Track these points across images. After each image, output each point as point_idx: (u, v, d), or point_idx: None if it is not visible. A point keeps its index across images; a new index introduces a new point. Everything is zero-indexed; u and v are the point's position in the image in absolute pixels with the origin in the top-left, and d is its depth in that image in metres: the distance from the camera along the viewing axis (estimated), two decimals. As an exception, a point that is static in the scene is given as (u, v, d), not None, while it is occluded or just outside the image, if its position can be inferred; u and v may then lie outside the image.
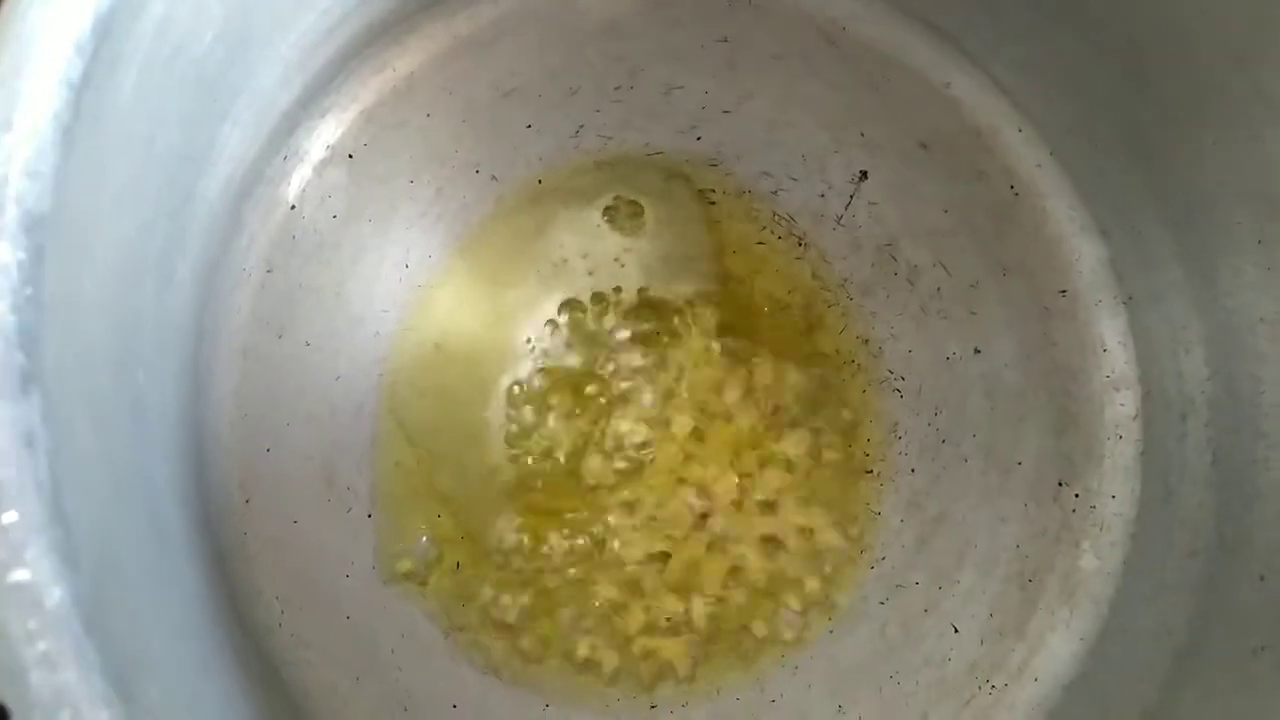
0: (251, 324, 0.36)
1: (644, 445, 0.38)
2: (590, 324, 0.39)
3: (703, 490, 0.38)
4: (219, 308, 0.35)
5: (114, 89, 0.23)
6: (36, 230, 0.21)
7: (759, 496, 0.39)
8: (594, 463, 0.38)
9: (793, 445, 0.39)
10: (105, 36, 0.22)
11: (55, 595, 0.20)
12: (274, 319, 0.36)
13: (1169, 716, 0.34)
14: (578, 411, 0.38)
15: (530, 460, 0.38)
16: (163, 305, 0.30)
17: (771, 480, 0.39)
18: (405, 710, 0.36)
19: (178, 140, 0.27)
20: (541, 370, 0.38)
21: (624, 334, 0.39)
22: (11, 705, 0.19)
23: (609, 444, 0.38)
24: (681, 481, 0.38)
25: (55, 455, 0.21)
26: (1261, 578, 0.33)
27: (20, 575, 0.19)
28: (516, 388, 0.38)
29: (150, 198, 0.27)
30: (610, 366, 0.39)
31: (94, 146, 0.22)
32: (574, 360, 0.39)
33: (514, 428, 0.38)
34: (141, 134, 0.25)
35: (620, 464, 0.38)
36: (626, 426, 0.38)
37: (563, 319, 0.39)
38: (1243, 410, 0.35)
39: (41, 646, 0.19)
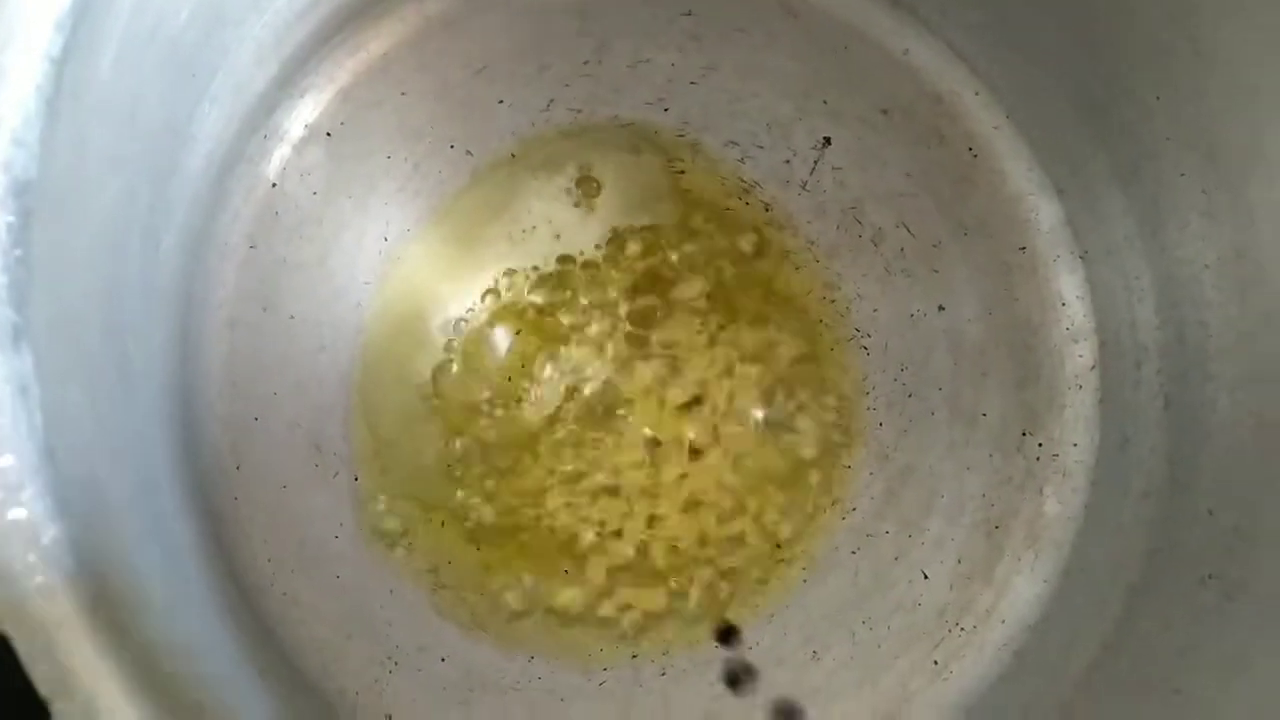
0: (237, 297, 0.37)
1: (612, 400, 0.40)
2: (559, 288, 0.40)
3: (672, 441, 0.40)
4: (205, 281, 0.37)
5: (93, 64, 0.24)
6: (25, 195, 0.22)
7: (730, 449, 0.40)
8: (558, 415, 0.40)
9: (763, 401, 0.40)
10: (83, 14, 0.23)
11: (50, 533, 0.21)
12: (259, 292, 0.38)
13: (1126, 647, 0.35)
14: (540, 366, 0.40)
15: (493, 419, 0.39)
16: (149, 276, 0.31)
17: (743, 434, 0.40)
18: (396, 664, 0.37)
19: (158, 115, 0.29)
20: (502, 333, 0.40)
21: (592, 298, 0.40)
22: (12, 634, 0.21)
23: (571, 399, 0.40)
24: (651, 436, 0.40)
25: (47, 409, 0.22)
26: (1210, 512, 0.34)
27: (17, 513, 0.21)
28: (479, 348, 0.40)
29: (133, 169, 0.28)
30: (578, 328, 0.40)
31: (77, 118, 0.24)
32: (542, 322, 0.40)
33: (474, 388, 0.40)
34: (122, 108, 0.26)
35: (583, 418, 0.40)
36: (590, 384, 0.40)
37: (530, 282, 0.40)
38: (1191, 355, 0.36)
39: (39, 579, 0.21)
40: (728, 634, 0.39)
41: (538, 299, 0.40)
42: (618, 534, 0.39)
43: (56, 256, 0.24)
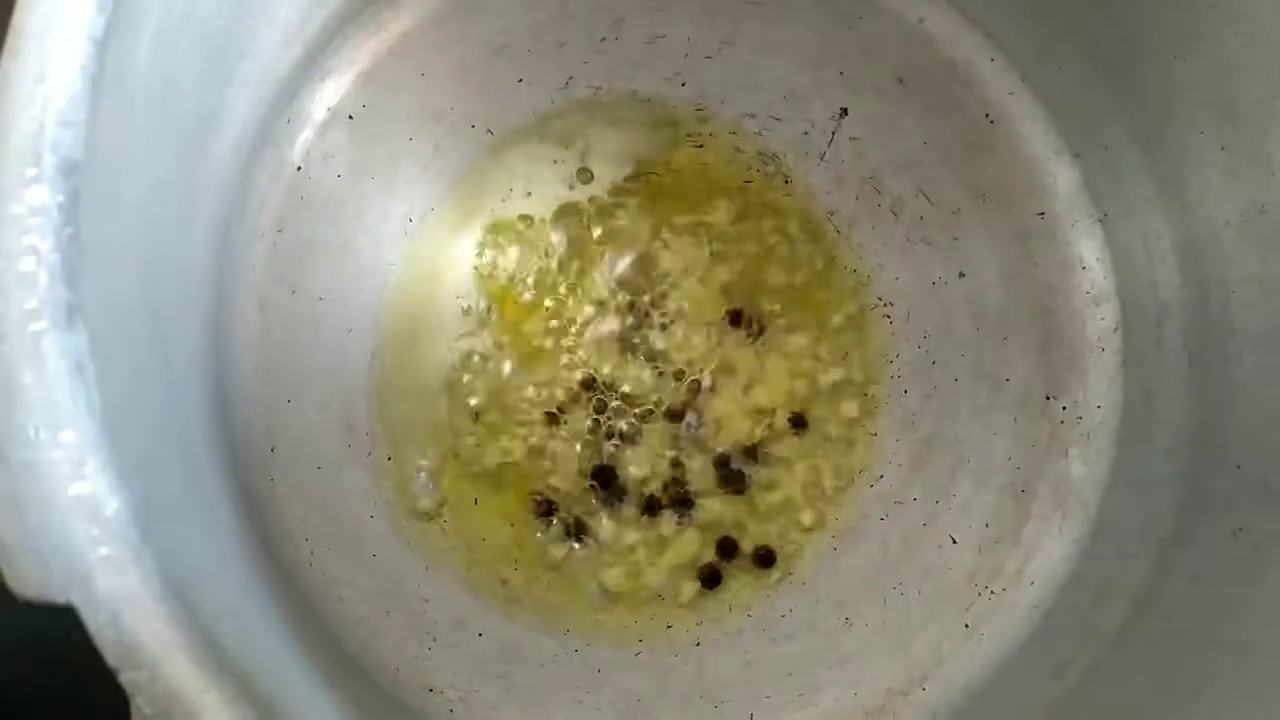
0: (266, 280, 0.38)
1: (634, 371, 0.40)
2: (581, 256, 0.41)
3: (701, 416, 0.40)
4: (235, 265, 0.37)
5: (133, 46, 0.25)
6: (73, 175, 0.22)
7: (763, 423, 0.40)
8: (584, 387, 0.40)
9: (790, 374, 0.41)
10: (124, -5, 0.23)
11: (113, 506, 0.21)
12: (287, 275, 0.38)
13: (1157, 603, 0.35)
14: (567, 335, 0.40)
15: (519, 394, 0.40)
16: (183, 260, 0.31)
17: (773, 410, 0.41)
18: (434, 639, 0.38)
19: (191, 99, 0.29)
20: (529, 304, 0.40)
21: (619, 271, 0.41)
22: (79, 604, 0.21)
23: (596, 371, 0.40)
24: (679, 410, 0.40)
25: (102, 386, 0.23)
26: (1238, 466, 0.35)
27: (81, 488, 0.21)
28: (504, 321, 0.40)
29: (168, 153, 0.28)
30: (602, 299, 0.41)
31: (118, 101, 0.24)
32: (567, 292, 0.40)
33: (500, 362, 0.40)
34: (159, 91, 0.27)
35: (608, 391, 0.40)
36: (612, 358, 0.40)
37: (554, 249, 0.41)
38: (1214, 312, 0.37)
39: (103, 551, 0.21)
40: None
41: (560, 268, 0.40)
42: (647, 513, 0.40)
43: (102, 238, 0.24)
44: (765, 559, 0.40)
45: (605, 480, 0.40)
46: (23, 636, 0.24)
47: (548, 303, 0.40)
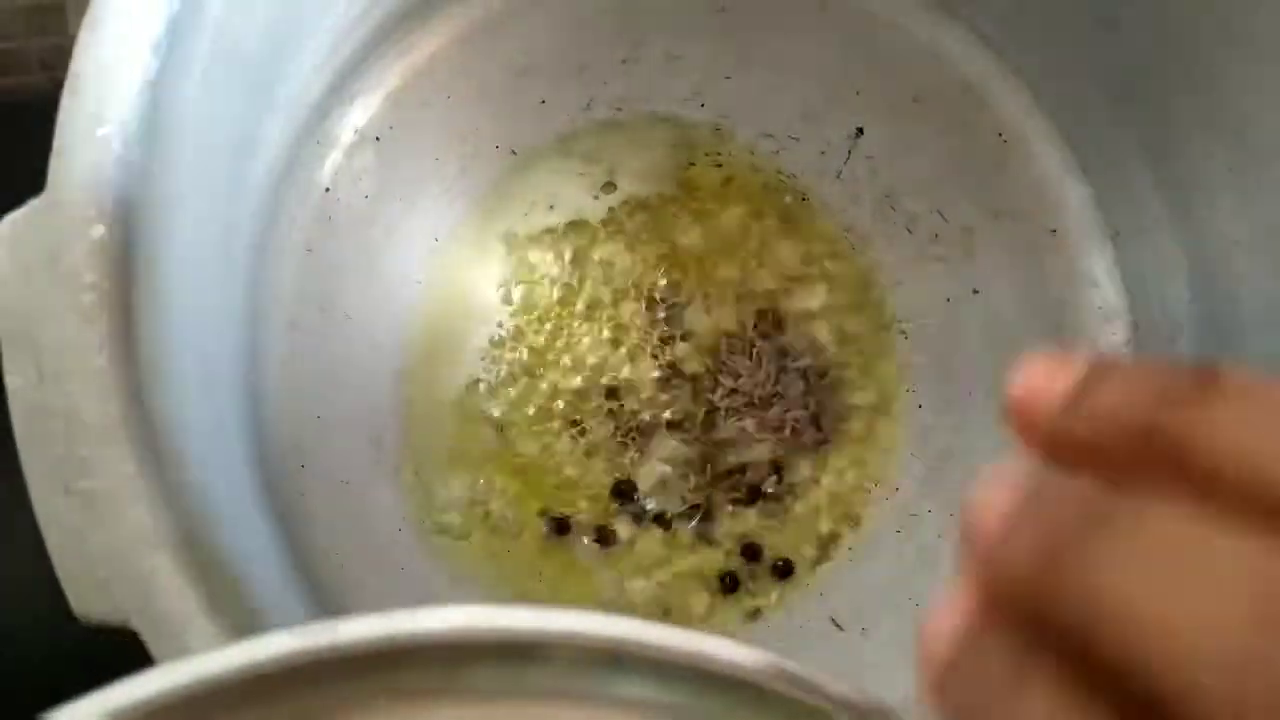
0: (296, 300, 0.38)
1: (647, 389, 0.41)
2: (602, 278, 0.41)
3: (720, 429, 0.41)
4: (267, 286, 0.38)
5: (184, 86, 0.25)
6: (131, 213, 0.23)
7: (780, 436, 0.41)
8: (603, 405, 0.41)
9: (809, 388, 0.42)
10: (177, 38, 0.24)
11: (170, 534, 0.22)
12: (316, 294, 0.39)
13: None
14: (585, 356, 0.41)
15: (540, 412, 0.41)
16: (223, 285, 0.32)
17: (790, 423, 0.41)
18: (461, 651, 0.38)
19: (231, 130, 0.30)
20: (548, 322, 0.41)
21: (640, 286, 0.42)
22: (140, 628, 0.22)
23: (613, 392, 0.41)
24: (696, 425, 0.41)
25: (158, 418, 0.24)
26: (1248, 483, 0.35)
27: (140, 517, 0.22)
28: (525, 339, 0.41)
29: (211, 181, 0.29)
30: (620, 318, 0.41)
31: (169, 138, 0.25)
32: (591, 311, 0.41)
33: (521, 382, 0.41)
34: (204, 125, 0.27)
35: (623, 408, 0.41)
36: (627, 377, 0.41)
37: (572, 270, 0.41)
38: (1224, 329, 0.37)
39: (163, 578, 0.22)
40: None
41: (581, 283, 0.41)
42: (668, 524, 0.40)
43: (158, 271, 0.25)
44: (783, 570, 0.41)
45: (626, 492, 0.40)
46: (77, 654, 0.25)
47: (569, 318, 0.41)
